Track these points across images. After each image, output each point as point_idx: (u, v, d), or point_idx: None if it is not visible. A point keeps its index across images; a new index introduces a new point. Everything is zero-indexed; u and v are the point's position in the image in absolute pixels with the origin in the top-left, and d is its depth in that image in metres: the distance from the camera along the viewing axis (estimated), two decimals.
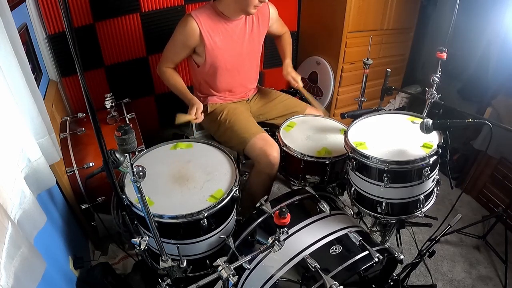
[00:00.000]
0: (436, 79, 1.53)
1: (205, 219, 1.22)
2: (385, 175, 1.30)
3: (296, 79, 1.85)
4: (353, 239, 1.26)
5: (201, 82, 1.84)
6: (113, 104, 1.85)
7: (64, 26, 0.75)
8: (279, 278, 1.18)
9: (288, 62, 1.91)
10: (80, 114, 1.93)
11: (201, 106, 1.66)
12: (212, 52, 1.66)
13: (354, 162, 1.38)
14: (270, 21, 1.81)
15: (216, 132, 1.85)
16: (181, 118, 1.58)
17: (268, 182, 1.72)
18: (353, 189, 1.49)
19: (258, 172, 1.68)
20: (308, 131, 1.75)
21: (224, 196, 1.27)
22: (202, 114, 1.66)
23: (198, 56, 1.72)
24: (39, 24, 1.84)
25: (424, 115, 1.60)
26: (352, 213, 1.68)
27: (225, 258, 1.01)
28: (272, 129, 1.95)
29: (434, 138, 1.37)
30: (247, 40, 1.75)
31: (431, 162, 1.28)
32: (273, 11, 1.82)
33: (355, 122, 1.53)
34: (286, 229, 1.01)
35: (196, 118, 1.61)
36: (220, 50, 1.67)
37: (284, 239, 1.08)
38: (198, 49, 1.68)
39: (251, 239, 1.36)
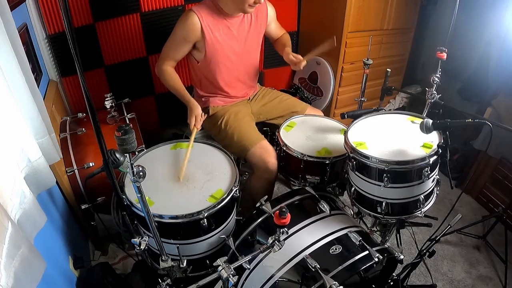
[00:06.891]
0: (436, 79, 1.53)
1: (205, 219, 1.22)
2: (385, 175, 1.30)
3: (297, 56, 1.74)
4: (353, 239, 1.26)
5: (202, 79, 1.84)
6: (113, 104, 1.85)
7: (64, 26, 0.75)
8: (279, 278, 1.18)
9: (288, 49, 1.83)
10: (80, 114, 1.93)
11: (199, 111, 1.67)
12: (213, 47, 1.67)
13: (354, 162, 1.38)
14: (268, 18, 1.82)
15: (217, 136, 1.86)
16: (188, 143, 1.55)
17: (268, 186, 1.74)
18: (353, 189, 1.49)
19: (258, 177, 1.71)
20: (308, 131, 1.75)
21: (224, 196, 1.27)
22: (203, 115, 1.68)
23: (198, 52, 1.72)
24: (39, 24, 1.84)
25: (424, 115, 1.60)
26: (352, 213, 1.68)
27: (225, 258, 1.01)
28: (272, 129, 1.95)
29: (434, 138, 1.37)
30: (247, 36, 1.76)
31: (431, 162, 1.28)
32: (271, 9, 1.84)
33: (355, 122, 1.53)
34: (286, 229, 1.01)
35: (196, 126, 1.64)
36: (220, 45, 1.68)
37: (284, 239, 1.08)
38: (198, 44, 1.69)
39: (251, 239, 1.36)
